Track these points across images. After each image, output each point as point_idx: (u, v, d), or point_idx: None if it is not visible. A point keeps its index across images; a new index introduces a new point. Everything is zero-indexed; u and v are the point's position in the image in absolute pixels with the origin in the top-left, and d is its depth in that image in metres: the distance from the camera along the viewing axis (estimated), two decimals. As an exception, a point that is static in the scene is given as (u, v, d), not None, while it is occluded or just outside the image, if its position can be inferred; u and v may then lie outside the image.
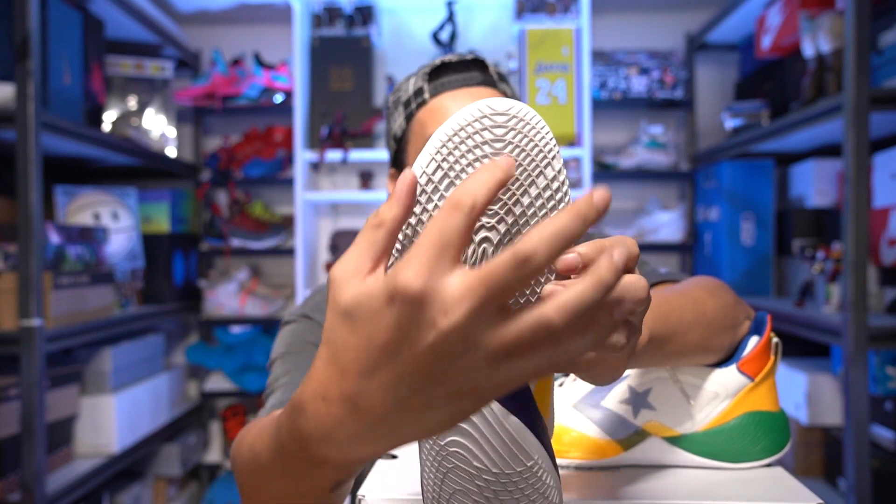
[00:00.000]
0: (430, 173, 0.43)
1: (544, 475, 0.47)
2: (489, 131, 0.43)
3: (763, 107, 2.15)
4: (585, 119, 2.37)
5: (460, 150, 0.43)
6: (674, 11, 2.63)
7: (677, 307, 0.61)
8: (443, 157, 0.43)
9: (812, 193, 2.12)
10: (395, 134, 0.95)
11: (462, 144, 0.43)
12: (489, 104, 0.43)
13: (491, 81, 0.92)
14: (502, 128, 0.43)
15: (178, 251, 2.39)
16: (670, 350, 0.60)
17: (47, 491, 1.57)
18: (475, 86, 0.90)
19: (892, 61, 1.56)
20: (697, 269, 2.51)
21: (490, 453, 0.46)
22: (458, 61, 0.92)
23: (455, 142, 0.43)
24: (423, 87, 0.91)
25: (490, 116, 0.43)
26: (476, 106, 0.43)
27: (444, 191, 0.43)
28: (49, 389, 1.71)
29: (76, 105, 1.87)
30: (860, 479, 1.44)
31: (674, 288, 0.69)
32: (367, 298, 0.36)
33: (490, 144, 0.43)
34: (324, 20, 2.48)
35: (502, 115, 0.43)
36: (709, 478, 0.63)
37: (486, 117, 0.43)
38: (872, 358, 1.64)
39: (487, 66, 0.93)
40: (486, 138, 0.43)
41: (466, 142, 0.43)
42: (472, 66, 0.92)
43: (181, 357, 2.62)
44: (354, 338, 0.37)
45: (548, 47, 2.44)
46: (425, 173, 0.43)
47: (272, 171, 2.52)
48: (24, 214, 1.51)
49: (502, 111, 0.43)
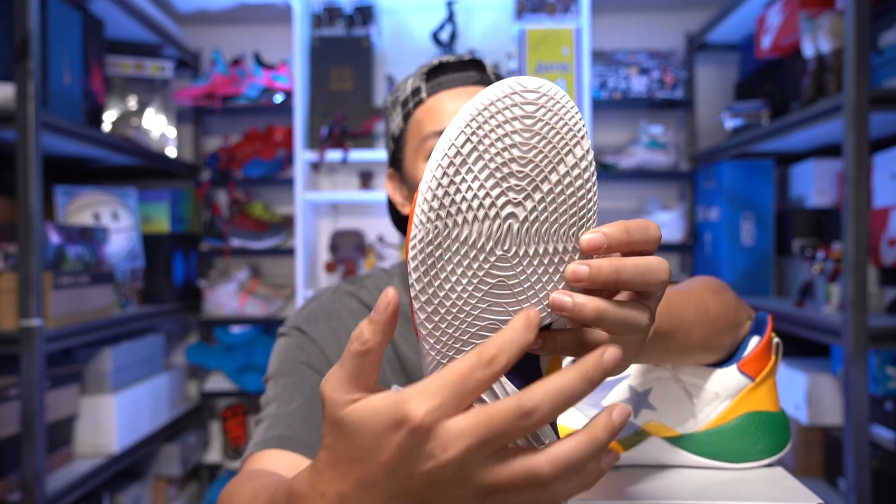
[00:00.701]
0: (460, 146, 0.43)
1: None
2: (519, 107, 0.43)
3: (763, 107, 2.15)
4: (585, 119, 2.37)
5: (490, 124, 0.43)
6: (674, 11, 2.63)
7: (680, 304, 0.61)
8: (472, 131, 0.43)
9: (812, 193, 2.12)
10: (392, 133, 0.95)
11: (492, 119, 0.43)
12: (520, 81, 0.43)
13: (488, 81, 0.92)
14: (533, 105, 0.43)
15: (178, 251, 2.39)
16: (673, 346, 0.60)
17: (47, 491, 1.57)
18: (472, 85, 0.90)
19: (892, 61, 1.56)
20: (697, 269, 2.51)
21: None
22: (456, 61, 0.92)
23: (485, 116, 0.43)
24: (421, 86, 0.91)
25: (521, 93, 0.43)
26: (507, 82, 0.43)
27: (472, 164, 0.43)
28: (49, 389, 1.71)
29: (76, 105, 1.87)
30: (860, 479, 1.44)
31: (676, 286, 0.69)
32: (374, 416, 0.39)
33: (520, 121, 0.43)
34: (324, 20, 2.48)
35: (533, 93, 0.43)
36: (709, 478, 0.63)
37: (516, 94, 0.43)
38: (872, 358, 1.64)
39: (485, 66, 0.93)
40: (517, 114, 0.43)
41: (497, 116, 0.43)
42: (470, 66, 0.92)
43: (181, 357, 2.62)
44: (357, 451, 0.39)
45: (548, 47, 2.44)
46: (454, 145, 0.43)
47: (272, 171, 2.52)
48: (24, 214, 1.51)
49: (533, 88, 0.43)
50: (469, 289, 0.44)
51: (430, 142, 0.88)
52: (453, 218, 0.43)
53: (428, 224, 0.43)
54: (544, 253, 0.44)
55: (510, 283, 0.44)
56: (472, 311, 0.44)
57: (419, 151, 0.89)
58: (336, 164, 2.62)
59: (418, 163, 0.89)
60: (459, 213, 0.43)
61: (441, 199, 0.43)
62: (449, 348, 0.45)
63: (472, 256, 0.44)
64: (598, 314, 0.42)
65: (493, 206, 0.43)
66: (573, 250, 0.45)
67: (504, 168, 0.43)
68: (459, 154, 0.43)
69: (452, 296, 0.44)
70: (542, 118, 0.43)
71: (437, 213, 0.43)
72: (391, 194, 0.99)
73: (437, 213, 0.43)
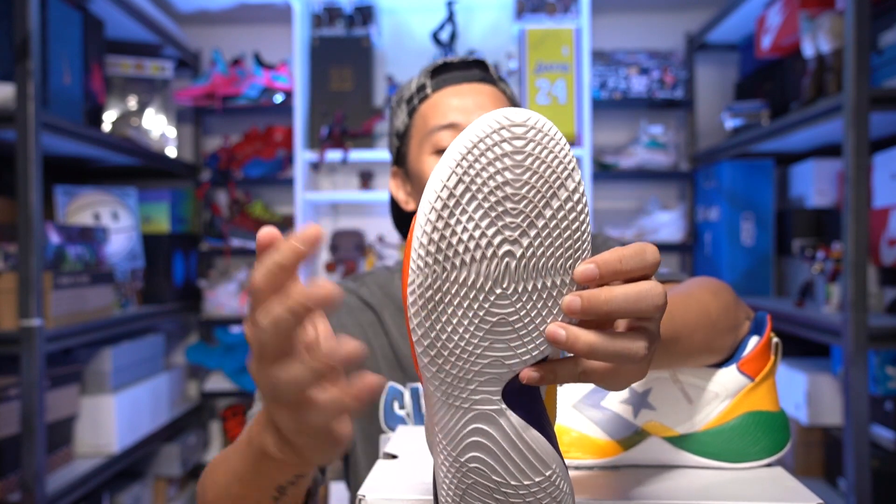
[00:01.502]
0: (452, 187, 0.42)
1: (561, 483, 0.47)
2: (509, 143, 0.42)
3: (763, 107, 2.15)
4: (585, 119, 2.37)
5: (480, 162, 0.42)
6: (674, 11, 2.63)
7: (681, 308, 0.61)
8: (463, 171, 0.42)
9: (812, 193, 2.12)
10: (397, 130, 0.96)
11: (482, 157, 0.42)
12: (506, 115, 0.42)
13: (491, 79, 0.93)
14: (522, 139, 0.42)
15: (178, 251, 2.39)
16: (676, 351, 0.60)
17: (47, 491, 1.57)
18: (476, 82, 0.91)
19: (892, 61, 1.56)
20: (697, 269, 2.51)
21: (510, 466, 0.46)
22: (461, 61, 0.94)
23: (475, 154, 0.42)
24: (426, 83, 0.92)
25: (509, 128, 0.42)
26: (493, 117, 0.42)
27: (466, 205, 0.42)
28: (49, 389, 1.71)
29: (76, 105, 1.87)
30: (860, 479, 1.44)
31: (676, 289, 0.69)
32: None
33: (511, 157, 0.42)
34: (324, 20, 2.48)
35: (521, 127, 0.43)
36: (709, 478, 0.63)
37: (504, 129, 0.42)
38: (872, 358, 1.64)
39: (488, 66, 0.95)
40: (507, 150, 0.42)
41: (487, 154, 0.42)
42: (474, 65, 0.94)
43: (181, 357, 2.62)
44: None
45: (548, 47, 2.44)
46: (446, 186, 0.42)
47: (272, 171, 2.52)
48: (24, 214, 1.51)
49: (521, 122, 0.43)
50: (471, 329, 0.44)
51: (436, 135, 0.88)
52: (451, 261, 0.43)
53: (426, 269, 0.43)
54: (542, 287, 0.44)
55: (511, 320, 0.44)
56: (474, 350, 0.44)
57: (424, 144, 0.90)
58: (336, 164, 2.62)
59: (423, 156, 0.90)
60: (457, 256, 0.43)
61: (437, 242, 0.42)
62: (454, 388, 0.45)
63: (471, 297, 0.43)
64: (590, 347, 0.43)
65: (489, 246, 0.43)
66: (570, 282, 0.44)
67: (498, 206, 0.42)
68: (452, 195, 0.42)
69: (455, 337, 0.44)
70: (532, 153, 0.43)
71: (434, 256, 0.43)
72: (394, 192, 0.99)
73: (434, 256, 0.43)
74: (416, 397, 0.92)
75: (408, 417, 0.93)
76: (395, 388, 0.93)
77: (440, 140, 0.88)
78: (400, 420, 0.92)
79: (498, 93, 0.92)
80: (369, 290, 0.97)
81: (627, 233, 2.49)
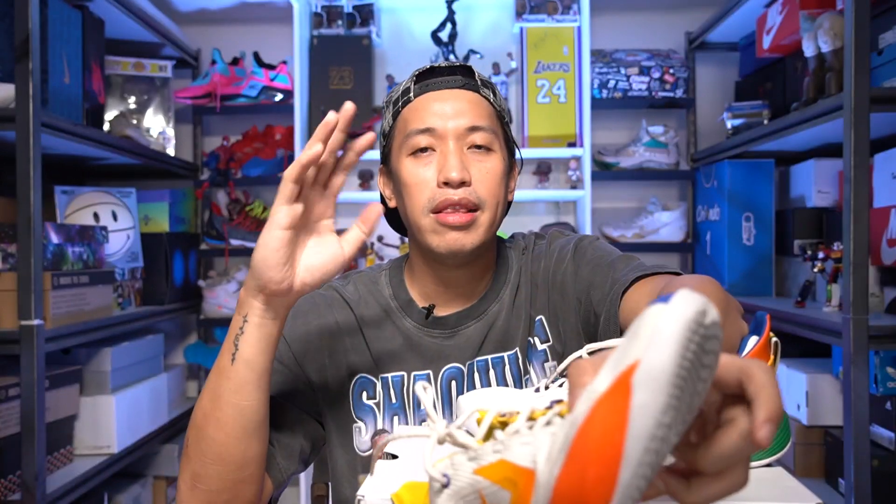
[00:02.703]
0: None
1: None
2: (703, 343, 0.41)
3: (763, 107, 2.15)
4: (586, 119, 2.37)
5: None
6: (674, 11, 2.63)
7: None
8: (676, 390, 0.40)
9: (812, 193, 2.12)
10: (383, 130, 0.99)
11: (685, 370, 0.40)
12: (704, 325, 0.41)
13: (474, 86, 0.95)
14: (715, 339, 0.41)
15: (177, 251, 2.39)
16: None
17: (47, 491, 1.57)
18: (457, 88, 0.94)
19: (892, 61, 1.56)
20: (698, 268, 2.51)
21: None
22: (447, 66, 0.96)
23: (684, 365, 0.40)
24: (411, 87, 0.95)
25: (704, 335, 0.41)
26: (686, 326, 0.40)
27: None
28: (49, 389, 1.70)
29: (76, 105, 1.87)
30: (860, 479, 1.44)
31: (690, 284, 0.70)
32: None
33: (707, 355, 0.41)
34: (323, 19, 2.48)
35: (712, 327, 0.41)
36: (709, 478, 0.63)
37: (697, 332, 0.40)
38: (872, 358, 1.64)
39: (474, 71, 0.97)
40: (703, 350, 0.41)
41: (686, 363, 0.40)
42: (458, 71, 0.95)
43: (181, 357, 2.62)
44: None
45: (548, 47, 2.44)
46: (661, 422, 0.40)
47: (272, 171, 2.52)
48: (24, 214, 1.51)
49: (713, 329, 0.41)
50: None
51: (413, 139, 0.91)
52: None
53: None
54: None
55: None
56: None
57: (403, 147, 0.93)
58: (336, 164, 2.61)
59: (401, 157, 0.93)
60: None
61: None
62: None
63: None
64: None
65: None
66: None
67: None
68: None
69: None
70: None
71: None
72: (381, 189, 1.02)
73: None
74: (387, 387, 0.95)
75: (377, 407, 0.95)
76: (366, 378, 0.96)
77: (417, 143, 0.91)
78: (369, 409, 0.95)
79: (480, 99, 0.94)
80: (354, 286, 1.00)
81: (628, 233, 2.49)
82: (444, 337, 0.96)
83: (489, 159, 0.91)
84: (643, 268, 0.87)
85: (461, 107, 0.91)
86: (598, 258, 0.94)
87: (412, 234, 0.95)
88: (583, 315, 0.93)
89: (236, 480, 0.79)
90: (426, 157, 0.91)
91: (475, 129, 0.91)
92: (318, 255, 0.79)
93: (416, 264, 0.98)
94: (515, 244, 1.03)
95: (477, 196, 0.89)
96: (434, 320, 0.96)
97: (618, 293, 0.85)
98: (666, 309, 0.40)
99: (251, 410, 0.78)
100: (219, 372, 0.78)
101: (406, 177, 0.91)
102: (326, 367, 0.95)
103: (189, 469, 0.79)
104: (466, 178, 0.88)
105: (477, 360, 0.95)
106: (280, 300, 0.77)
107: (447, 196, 0.88)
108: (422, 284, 0.98)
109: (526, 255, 1.01)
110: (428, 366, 0.95)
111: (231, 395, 0.77)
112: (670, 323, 0.39)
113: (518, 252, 1.01)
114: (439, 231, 0.89)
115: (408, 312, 0.97)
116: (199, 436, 0.78)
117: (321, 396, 0.95)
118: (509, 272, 0.99)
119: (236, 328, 0.77)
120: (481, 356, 0.96)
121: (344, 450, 0.96)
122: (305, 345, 0.95)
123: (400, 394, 0.95)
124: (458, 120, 0.90)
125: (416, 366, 0.95)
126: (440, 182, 0.89)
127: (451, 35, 2.48)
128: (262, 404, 0.79)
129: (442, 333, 0.96)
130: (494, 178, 0.91)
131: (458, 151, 0.90)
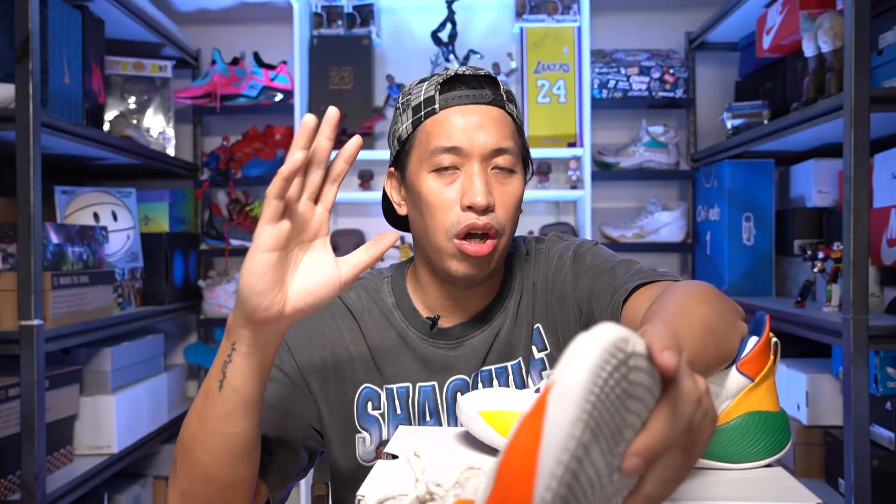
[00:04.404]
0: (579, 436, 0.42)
1: None
2: (634, 375, 0.45)
3: (763, 107, 2.15)
4: (586, 119, 2.37)
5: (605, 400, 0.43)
6: (674, 11, 2.63)
7: (686, 331, 0.63)
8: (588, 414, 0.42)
9: (812, 193, 2.12)
10: (399, 135, 0.96)
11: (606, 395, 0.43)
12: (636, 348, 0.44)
13: (500, 101, 0.92)
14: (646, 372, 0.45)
15: (177, 251, 2.39)
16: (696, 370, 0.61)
17: (47, 491, 1.57)
18: (485, 104, 0.91)
19: (892, 61, 1.56)
20: (698, 268, 2.51)
21: None
22: (472, 76, 0.92)
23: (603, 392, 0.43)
24: (435, 96, 0.91)
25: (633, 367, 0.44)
26: (608, 350, 0.43)
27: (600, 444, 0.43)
28: (49, 389, 1.70)
29: (76, 105, 1.87)
30: (860, 479, 1.44)
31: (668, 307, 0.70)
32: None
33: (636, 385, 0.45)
34: (323, 19, 2.48)
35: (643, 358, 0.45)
36: (709, 478, 0.63)
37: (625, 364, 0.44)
38: (872, 358, 1.64)
39: (499, 84, 0.94)
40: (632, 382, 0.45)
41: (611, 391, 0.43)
42: (485, 83, 0.92)
43: (181, 357, 2.62)
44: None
45: (548, 47, 2.44)
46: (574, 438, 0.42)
47: (272, 171, 2.51)
48: (24, 214, 1.51)
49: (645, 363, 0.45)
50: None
51: (438, 156, 0.89)
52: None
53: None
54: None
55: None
56: None
57: (425, 161, 0.90)
58: (336, 164, 2.61)
59: (422, 172, 0.91)
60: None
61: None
62: None
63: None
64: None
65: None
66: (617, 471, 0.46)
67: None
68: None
69: None
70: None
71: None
72: (389, 193, 1.00)
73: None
74: (391, 398, 0.94)
75: (382, 418, 0.94)
76: (371, 388, 0.95)
77: (441, 161, 0.89)
78: (374, 420, 0.94)
79: (504, 116, 0.92)
80: (356, 293, 0.99)
81: (628, 233, 2.49)
82: (448, 348, 0.95)
83: (511, 182, 0.91)
84: (643, 275, 0.87)
85: (488, 127, 0.89)
86: (597, 265, 0.93)
87: (426, 251, 0.93)
88: (584, 323, 0.93)
89: (226, 499, 0.77)
90: (450, 176, 0.89)
91: (501, 152, 0.89)
92: (311, 278, 0.71)
93: (423, 276, 0.97)
94: (518, 251, 1.02)
95: (499, 222, 0.89)
96: (438, 331, 0.96)
97: (619, 302, 0.85)
98: (584, 336, 0.43)
99: (240, 436, 0.74)
100: (206, 396, 0.73)
101: (428, 195, 0.90)
102: (330, 377, 0.94)
103: (177, 486, 0.77)
104: (491, 203, 0.87)
105: (482, 370, 0.95)
106: (270, 327, 0.70)
107: (472, 221, 0.87)
108: (427, 296, 0.97)
109: (527, 262, 1.00)
110: (433, 377, 0.95)
111: (218, 421, 0.73)
112: (584, 346, 0.43)
113: (521, 259, 1.01)
114: (460, 258, 0.89)
115: (412, 323, 0.96)
116: (186, 456, 0.76)
117: (323, 406, 0.94)
118: (513, 281, 0.99)
119: (224, 354, 0.72)
120: (486, 367, 0.95)
121: (346, 458, 0.95)
122: (309, 354, 0.94)
123: (405, 405, 0.94)
124: (484, 141, 0.88)
125: (421, 377, 0.95)
126: (464, 206, 0.88)
127: (451, 35, 2.48)
128: (252, 429, 0.75)
129: (447, 344, 0.95)
130: (515, 201, 0.91)
131: (483, 173, 0.88)
